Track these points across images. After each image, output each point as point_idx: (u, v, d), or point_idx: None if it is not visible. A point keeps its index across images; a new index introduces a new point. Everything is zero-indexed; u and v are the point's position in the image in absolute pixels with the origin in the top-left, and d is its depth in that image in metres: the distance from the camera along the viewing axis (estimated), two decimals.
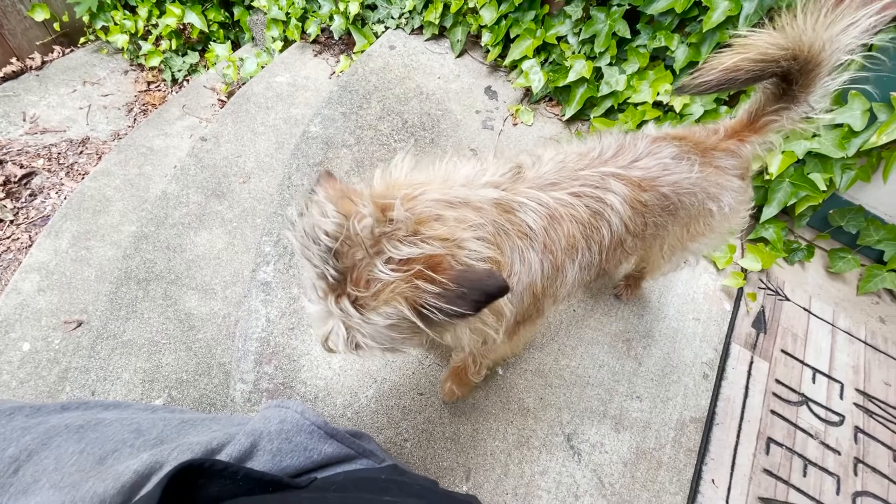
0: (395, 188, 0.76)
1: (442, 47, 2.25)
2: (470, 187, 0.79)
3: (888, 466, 1.53)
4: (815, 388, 1.64)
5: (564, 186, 0.89)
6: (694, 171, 1.00)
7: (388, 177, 0.82)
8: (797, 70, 0.96)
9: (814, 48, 0.92)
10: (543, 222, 0.85)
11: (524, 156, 0.98)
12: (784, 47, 0.92)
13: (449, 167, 0.86)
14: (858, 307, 1.85)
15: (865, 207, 1.77)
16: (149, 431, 0.71)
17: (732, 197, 1.08)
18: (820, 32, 0.91)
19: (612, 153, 0.99)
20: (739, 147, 1.08)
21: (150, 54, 2.77)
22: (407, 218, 0.68)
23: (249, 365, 1.37)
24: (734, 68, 0.96)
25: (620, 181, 0.94)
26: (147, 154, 2.30)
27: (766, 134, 1.08)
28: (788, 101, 1.03)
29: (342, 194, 0.72)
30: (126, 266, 1.66)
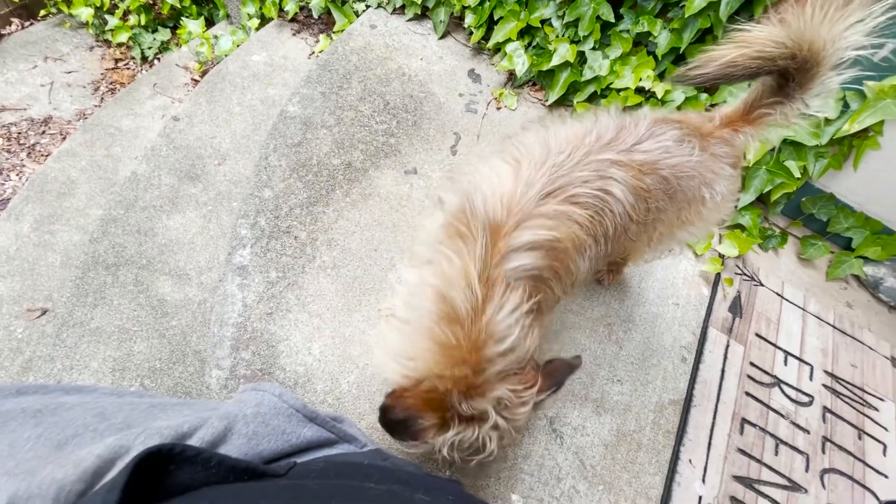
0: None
1: (424, 28, 2.21)
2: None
3: (853, 444, 1.60)
4: (786, 371, 1.69)
5: (562, 192, 0.89)
6: (694, 155, 1.00)
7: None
8: (794, 69, 0.95)
9: (814, 46, 0.91)
10: (545, 261, 0.89)
11: (514, 147, 0.98)
12: (783, 45, 0.91)
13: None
14: (828, 292, 1.91)
15: (836, 195, 1.83)
16: (114, 416, 0.68)
17: (724, 185, 1.09)
18: (824, 29, 0.90)
19: (612, 135, 0.97)
20: (733, 136, 1.08)
21: (118, 30, 2.63)
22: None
23: (225, 351, 1.33)
24: (731, 63, 0.95)
25: (621, 168, 0.93)
26: (115, 134, 2.19)
27: (759, 126, 1.08)
28: (783, 96, 1.03)
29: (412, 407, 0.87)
30: (93, 251, 1.59)
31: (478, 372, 0.82)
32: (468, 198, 0.88)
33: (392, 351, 0.94)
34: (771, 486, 1.47)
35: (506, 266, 0.84)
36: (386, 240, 1.62)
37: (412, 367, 0.89)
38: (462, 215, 0.88)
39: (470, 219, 0.86)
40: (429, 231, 1.00)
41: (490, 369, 0.83)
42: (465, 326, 0.82)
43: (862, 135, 1.58)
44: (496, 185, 0.90)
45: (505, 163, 0.95)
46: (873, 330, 1.84)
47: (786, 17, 0.90)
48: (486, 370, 0.83)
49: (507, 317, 0.83)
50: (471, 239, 0.85)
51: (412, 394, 0.88)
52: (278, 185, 1.62)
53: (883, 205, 1.79)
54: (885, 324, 1.88)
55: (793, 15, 0.90)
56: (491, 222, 0.85)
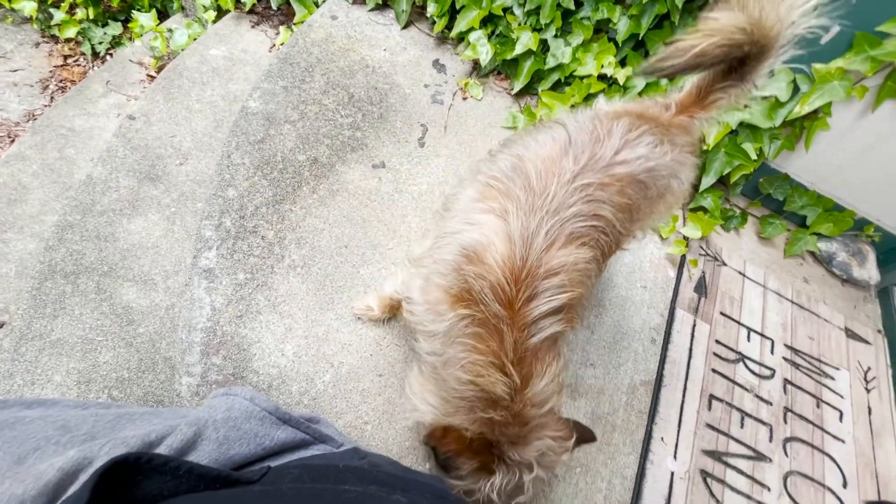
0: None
1: (387, 18, 2.17)
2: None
3: (812, 413, 1.69)
4: (749, 346, 1.76)
5: (559, 236, 0.88)
6: (667, 155, 1.02)
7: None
8: (755, 52, 0.98)
9: (771, 29, 0.94)
10: (565, 316, 0.90)
11: (493, 186, 0.95)
12: (746, 30, 0.93)
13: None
14: (786, 269, 1.99)
15: (791, 175, 1.90)
16: (78, 427, 0.66)
17: (688, 173, 1.11)
18: (779, 10, 0.92)
19: (589, 153, 0.95)
20: (690, 123, 1.11)
21: (65, 24, 2.50)
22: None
23: (195, 357, 1.30)
24: (702, 53, 0.96)
25: (605, 189, 0.93)
26: (68, 136, 2.09)
27: (712, 110, 1.11)
28: (737, 79, 1.05)
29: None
30: (50, 259, 1.53)
31: (522, 424, 0.87)
32: (468, 280, 0.87)
33: (429, 404, 0.97)
34: (738, 457, 1.55)
35: (532, 341, 0.86)
36: (356, 236, 1.60)
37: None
38: (468, 295, 0.87)
39: (480, 305, 0.85)
40: (438, 313, 0.95)
41: (532, 423, 0.88)
42: (507, 405, 0.86)
43: (812, 116, 1.64)
44: (492, 251, 0.87)
45: (491, 213, 0.91)
46: (828, 303, 1.93)
47: (745, 4, 0.92)
48: (530, 423, 0.87)
49: (546, 386, 0.87)
50: (490, 327, 0.85)
51: (453, 438, 0.90)
52: (242, 184, 1.58)
53: (833, 183, 1.87)
54: (839, 296, 1.97)
55: (752, 1, 0.92)
56: (504, 304, 0.85)
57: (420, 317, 0.99)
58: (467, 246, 0.89)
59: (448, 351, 0.90)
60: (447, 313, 0.90)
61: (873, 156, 1.72)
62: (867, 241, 2.00)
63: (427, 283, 0.97)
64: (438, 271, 0.93)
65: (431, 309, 0.95)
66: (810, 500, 1.52)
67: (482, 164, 1.08)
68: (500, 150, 1.09)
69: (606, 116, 1.04)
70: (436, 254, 0.97)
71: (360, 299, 1.47)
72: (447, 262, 0.92)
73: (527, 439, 0.87)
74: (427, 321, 0.96)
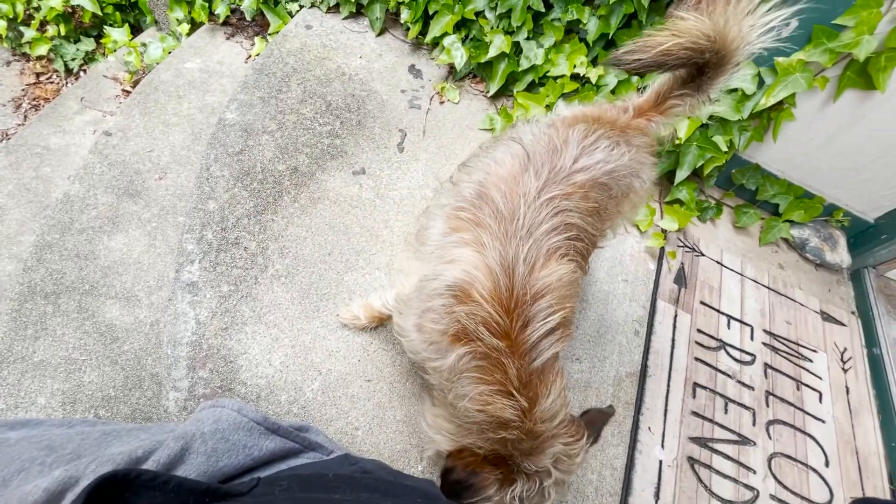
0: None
1: (361, 26, 2.18)
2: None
3: (793, 395, 1.73)
4: (730, 333, 1.81)
5: (538, 256, 0.90)
6: (626, 156, 1.04)
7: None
8: (714, 62, 1.01)
9: (734, 42, 0.98)
10: (563, 332, 0.94)
11: (464, 218, 0.97)
12: (710, 38, 0.96)
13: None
14: (761, 256, 2.04)
15: (761, 165, 1.95)
16: (63, 447, 0.65)
17: (649, 171, 1.15)
18: (742, 24, 0.96)
19: (548, 167, 0.98)
20: (647, 126, 1.14)
21: (36, 42, 2.46)
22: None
23: (182, 372, 1.30)
24: (667, 52, 0.99)
25: (569, 198, 0.96)
26: (43, 154, 2.07)
27: (669, 116, 1.15)
28: (694, 88, 1.09)
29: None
30: (29, 280, 1.51)
31: (534, 438, 0.90)
32: (461, 321, 0.89)
33: (443, 431, 1.01)
34: (723, 442, 1.58)
35: (534, 364, 0.88)
36: (339, 243, 1.61)
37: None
38: (464, 334, 0.89)
39: (478, 341, 0.87)
40: (439, 350, 0.98)
41: (544, 435, 0.90)
42: (518, 425, 0.88)
43: (778, 107, 1.70)
44: (478, 287, 0.88)
45: (466, 246, 0.93)
46: (803, 287, 1.99)
47: (713, 11, 0.95)
48: (542, 436, 0.90)
49: (553, 402, 0.90)
50: (491, 360, 0.87)
51: (470, 453, 0.94)
52: (222, 196, 1.58)
53: (802, 171, 1.93)
54: (813, 281, 2.03)
55: (718, 10, 0.95)
56: (500, 336, 0.87)
57: (422, 354, 1.00)
58: (452, 286, 0.91)
59: (455, 386, 0.93)
60: (448, 351, 0.92)
61: (838, 143, 1.78)
62: (837, 226, 2.06)
63: (421, 324, 0.98)
64: (431, 318, 0.95)
65: (432, 347, 0.97)
66: (794, 479, 1.57)
67: (445, 195, 1.10)
68: (461, 177, 1.11)
69: (563, 124, 1.06)
70: (424, 300, 0.98)
71: (346, 308, 1.48)
72: (437, 308, 0.94)
73: (540, 449, 0.90)
74: (429, 357, 0.98)
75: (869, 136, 1.73)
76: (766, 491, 1.52)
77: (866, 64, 1.52)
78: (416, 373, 1.45)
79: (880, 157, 1.77)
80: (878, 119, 1.67)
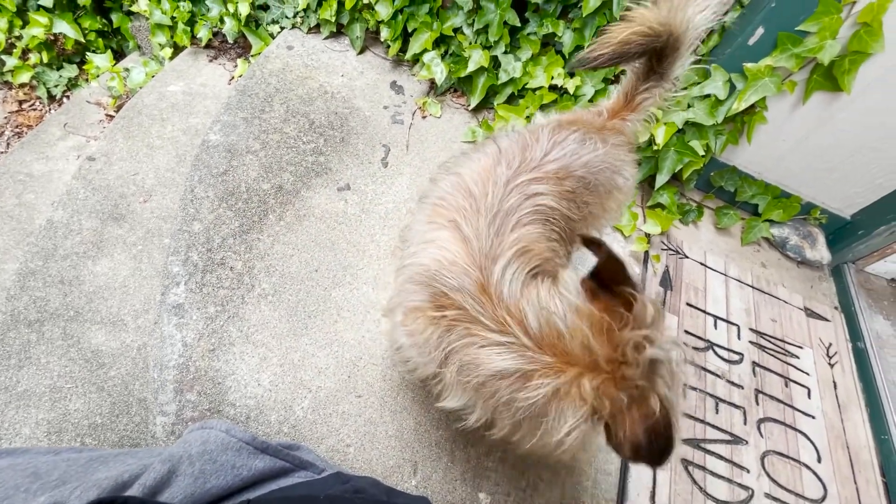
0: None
1: (342, 45, 2.22)
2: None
3: (782, 392, 1.75)
4: (717, 333, 1.83)
5: (506, 225, 0.91)
6: (599, 149, 1.07)
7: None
8: (668, 48, 1.06)
9: (679, 27, 1.03)
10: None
11: (440, 206, 0.98)
12: (663, 23, 1.02)
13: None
14: (744, 256, 2.08)
15: (738, 167, 2.00)
16: (48, 474, 0.65)
17: (630, 169, 1.17)
18: (684, 12, 1.01)
19: (519, 158, 1.01)
20: (623, 125, 1.18)
21: (18, 70, 2.47)
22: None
23: (169, 395, 1.29)
24: (626, 41, 1.04)
25: (541, 182, 0.98)
26: (26, 181, 2.06)
27: (641, 111, 1.18)
28: (657, 78, 1.13)
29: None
30: (12, 308, 1.49)
31: (611, 362, 0.72)
32: (437, 286, 0.87)
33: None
34: (716, 442, 1.59)
35: (508, 300, 0.81)
36: (326, 259, 1.62)
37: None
38: (445, 298, 0.86)
39: (455, 301, 0.84)
40: (428, 346, 0.93)
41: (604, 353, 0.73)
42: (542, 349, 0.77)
43: (750, 111, 1.74)
44: (452, 258, 0.88)
45: (443, 229, 0.94)
46: (786, 285, 2.02)
47: (658, 2, 1.02)
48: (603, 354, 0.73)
49: (539, 313, 0.78)
50: (471, 319, 0.82)
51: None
52: (207, 217, 1.58)
53: (777, 172, 1.98)
54: (795, 278, 2.07)
55: (661, 2, 1.01)
56: (477, 287, 0.84)
57: (416, 358, 0.98)
58: (427, 260, 0.92)
59: (451, 375, 0.87)
60: (433, 340, 0.88)
61: (810, 144, 1.83)
62: (815, 224, 2.11)
63: (405, 311, 0.97)
64: (410, 297, 0.94)
65: (421, 342, 0.93)
66: (788, 477, 1.57)
67: (427, 190, 1.13)
68: (440, 174, 1.13)
69: (541, 127, 1.10)
70: (402, 283, 0.98)
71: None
72: (414, 285, 0.93)
73: (622, 360, 0.71)
74: (423, 360, 0.95)
75: (838, 136, 1.78)
76: (760, 490, 1.53)
77: (831, 67, 1.58)
78: (407, 387, 1.44)
79: (851, 156, 1.82)
80: (846, 119, 1.72)
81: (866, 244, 1.98)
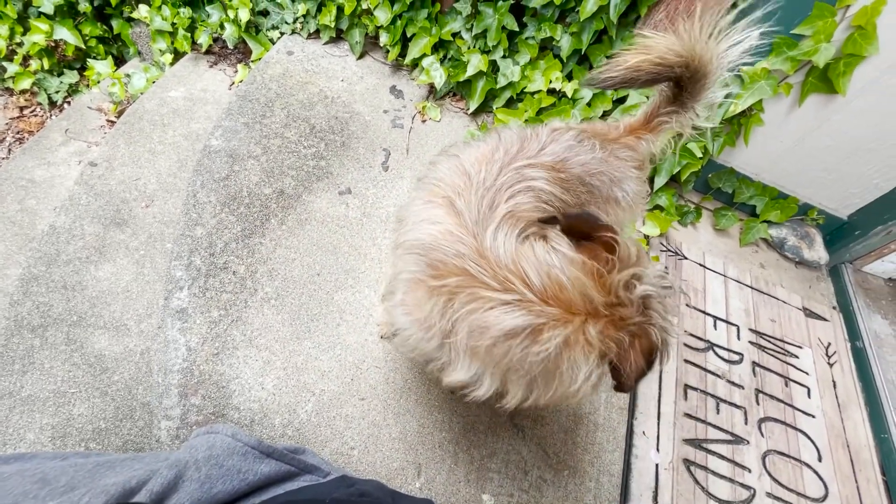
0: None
1: (342, 50, 2.24)
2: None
3: (782, 392, 1.76)
4: (717, 334, 1.84)
5: (499, 201, 0.92)
6: (597, 151, 1.08)
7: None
8: (688, 78, 1.05)
9: (703, 59, 1.02)
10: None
11: (435, 185, 0.99)
12: (679, 54, 1.00)
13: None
14: (743, 257, 2.09)
15: (736, 169, 2.02)
16: (57, 479, 0.65)
17: (632, 185, 1.16)
18: (711, 45, 1.00)
19: (518, 147, 1.03)
20: (636, 143, 1.18)
21: (19, 76, 2.47)
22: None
23: (173, 400, 1.29)
24: (636, 68, 1.03)
25: (535, 168, 0.99)
26: (28, 187, 2.06)
27: (658, 133, 1.18)
28: (678, 105, 1.13)
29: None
30: (15, 314, 1.50)
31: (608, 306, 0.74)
32: (433, 255, 0.87)
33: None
34: (717, 442, 1.60)
35: (504, 262, 0.81)
36: (328, 263, 1.62)
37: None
38: (441, 266, 0.86)
39: (456, 267, 0.84)
40: (427, 324, 0.93)
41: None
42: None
43: (747, 114, 1.76)
44: (446, 230, 0.89)
45: (439, 207, 0.94)
46: (785, 285, 2.04)
47: (679, 30, 1.00)
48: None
49: (540, 269, 0.78)
50: (481, 277, 0.81)
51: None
52: (210, 222, 1.59)
53: (774, 173, 1.99)
54: (794, 278, 2.08)
55: (684, 29, 0.99)
56: (475, 251, 0.84)
57: (416, 335, 0.97)
58: (423, 234, 0.92)
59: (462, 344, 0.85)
60: (436, 312, 0.88)
61: (806, 145, 1.85)
62: (813, 225, 2.13)
63: (405, 285, 0.97)
64: (408, 269, 0.94)
65: (422, 318, 0.93)
66: (789, 476, 1.58)
67: (426, 172, 1.14)
68: (440, 157, 1.14)
69: (544, 125, 1.12)
70: (399, 258, 0.99)
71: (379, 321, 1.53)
72: (411, 256, 0.93)
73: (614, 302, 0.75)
74: (426, 335, 0.95)
75: (835, 138, 1.80)
76: (762, 489, 1.54)
77: (826, 70, 1.60)
78: (410, 389, 1.45)
79: (847, 157, 1.84)
80: (842, 121, 1.74)
81: (863, 244, 2.00)
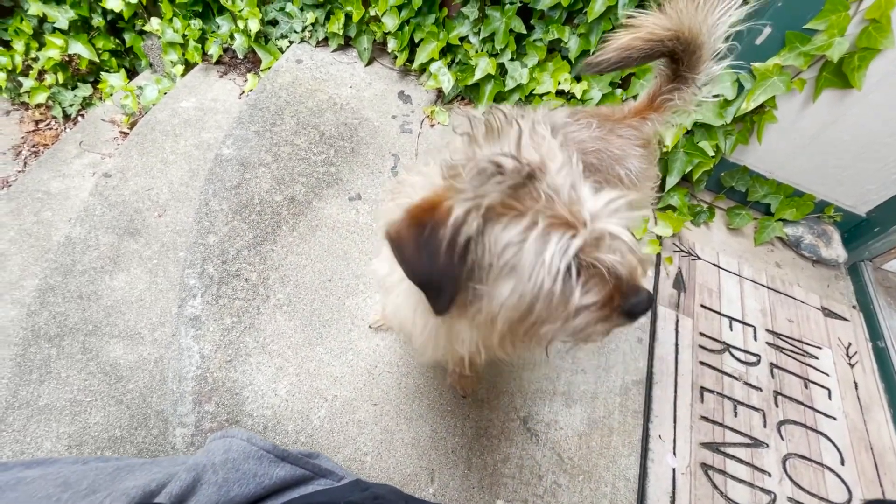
0: None
1: (350, 57, 2.25)
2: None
3: (801, 393, 1.72)
4: (733, 335, 1.81)
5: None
6: (593, 130, 1.08)
7: None
8: (682, 51, 1.05)
9: (693, 31, 1.02)
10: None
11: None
12: (668, 28, 1.01)
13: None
14: (758, 256, 2.06)
15: (749, 167, 1.99)
16: (78, 483, 0.67)
17: (636, 163, 1.15)
18: (699, 17, 1.01)
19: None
20: (641, 123, 1.18)
21: (34, 91, 2.53)
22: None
23: (188, 407, 1.30)
24: (628, 46, 1.04)
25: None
26: (44, 199, 2.10)
27: (664, 112, 1.19)
28: (679, 82, 1.13)
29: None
30: (32, 324, 1.52)
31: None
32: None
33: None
34: (736, 446, 1.57)
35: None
36: (339, 268, 1.63)
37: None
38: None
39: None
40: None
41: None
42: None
43: (759, 111, 1.74)
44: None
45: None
46: (802, 285, 2.00)
47: (665, 8, 1.01)
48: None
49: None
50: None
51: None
52: (222, 230, 1.60)
53: (789, 170, 1.96)
54: (811, 277, 2.04)
55: (670, 6, 1.01)
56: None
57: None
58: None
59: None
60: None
61: (821, 141, 1.82)
62: (830, 222, 2.08)
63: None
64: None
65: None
66: (811, 480, 1.54)
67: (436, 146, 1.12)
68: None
69: (539, 107, 1.11)
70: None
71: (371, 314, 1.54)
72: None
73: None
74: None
75: (851, 133, 1.77)
76: (782, 494, 1.50)
77: (841, 64, 1.57)
78: (422, 394, 1.45)
79: (864, 152, 1.80)
80: (858, 115, 1.71)
81: (883, 241, 1.95)
